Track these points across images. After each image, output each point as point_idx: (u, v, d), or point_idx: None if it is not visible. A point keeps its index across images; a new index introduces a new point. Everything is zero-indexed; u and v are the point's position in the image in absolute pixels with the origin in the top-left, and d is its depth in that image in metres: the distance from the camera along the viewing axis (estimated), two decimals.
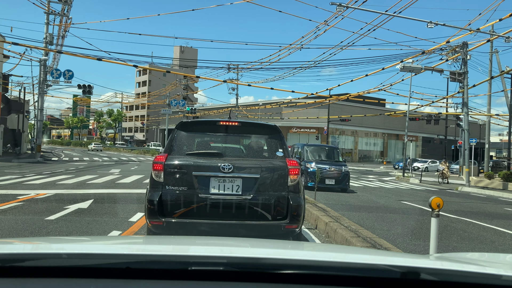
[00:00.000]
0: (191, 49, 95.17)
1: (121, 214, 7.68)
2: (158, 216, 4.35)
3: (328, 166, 15.14)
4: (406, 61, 21.07)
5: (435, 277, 1.28)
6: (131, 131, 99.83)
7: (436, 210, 4.58)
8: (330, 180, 14.88)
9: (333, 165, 15.37)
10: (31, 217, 7.07)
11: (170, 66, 61.97)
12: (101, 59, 22.24)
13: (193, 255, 1.46)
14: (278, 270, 1.28)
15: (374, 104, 49.25)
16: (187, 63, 65.31)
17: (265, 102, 58.00)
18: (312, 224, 7.33)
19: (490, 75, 26.14)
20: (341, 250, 2.17)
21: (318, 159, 15.80)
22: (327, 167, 15.05)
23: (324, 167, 14.96)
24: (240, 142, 4.99)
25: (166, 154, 4.58)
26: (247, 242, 2.19)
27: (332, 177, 14.95)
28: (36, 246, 1.68)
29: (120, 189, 12.01)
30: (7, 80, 31.54)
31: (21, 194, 10.02)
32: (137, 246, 1.86)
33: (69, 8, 27.43)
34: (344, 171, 15.21)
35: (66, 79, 27.97)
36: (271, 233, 4.42)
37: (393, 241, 6.47)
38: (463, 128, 22.09)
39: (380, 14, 17.86)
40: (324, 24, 21.64)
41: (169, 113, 47.90)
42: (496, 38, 22.73)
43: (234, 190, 4.42)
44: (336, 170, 15.06)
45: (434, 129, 48.87)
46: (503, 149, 71.55)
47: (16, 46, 66.37)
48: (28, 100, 43.08)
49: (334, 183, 14.91)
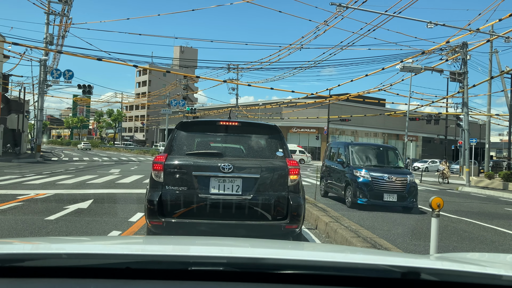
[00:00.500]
0: (191, 49, 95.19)
1: (121, 214, 7.68)
2: (158, 216, 4.35)
3: (386, 174, 10.66)
4: (406, 61, 21.08)
5: (436, 277, 1.27)
6: (131, 131, 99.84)
7: (437, 210, 4.58)
8: (390, 196, 10.42)
9: (394, 173, 10.86)
10: (31, 217, 7.07)
11: (170, 66, 61.97)
12: (101, 59, 22.25)
13: (193, 255, 1.46)
14: (278, 270, 1.28)
15: (374, 104, 49.24)
16: (187, 63, 65.35)
17: (265, 102, 57.99)
18: (312, 224, 7.33)
19: (490, 75, 26.16)
20: (341, 250, 2.17)
21: (370, 164, 11.38)
22: (385, 176, 10.59)
23: (381, 176, 10.60)
24: (240, 142, 4.99)
25: (166, 154, 4.58)
26: (247, 242, 2.19)
27: (393, 191, 10.49)
28: (36, 246, 1.68)
29: (120, 189, 12.01)
30: (7, 80, 31.54)
31: (21, 194, 10.02)
32: (137, 246, 1.86)
33: (69, 8, 27.44)
34: (410, 181, 10.72)
35: (66, 79, 27.97)
36: (271, 233, 4.42)
37: (393, 241, 6.47)
38: (463, 128, 22.10)
39: (380, 14, 17.86)
40: (324, 24, 21.66)
41: (169, 113, 47.89)
42: (495, 38, 22.75)
43: (234, 190, 4.42)
44: (399, 181, 10.60)
45: (434, 129, 48.87)
46: (503, 149, 71.57)
47: (16, 46, 66.41)
48: (28, 100, 43.09)
49: (396, 199, 10.44)
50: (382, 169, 11.06)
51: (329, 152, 13.31)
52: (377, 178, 10.57)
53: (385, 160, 11.91)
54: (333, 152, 12.90)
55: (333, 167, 12.47)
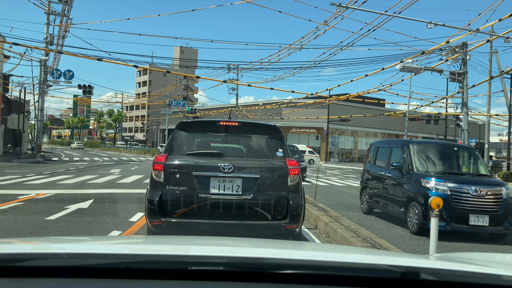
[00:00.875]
0: (191, 49, 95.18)
1: (121, 214, 7.69)
2: (158, 216, 4.36)
3: (472, 186, 7.36)
4: (406, 61, 21.07)
5: (435, 277, 1.28)
6: (131, 131, 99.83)
7: (436, 210, 4.59)
8: (478, 218, 7.13)
9: (481, 183, 7.55)
10: (31, 217, 7.08)
11: (170, 66, 61.98)
12: (101, 59, 22.25)
13: (193, 255, 1.46)
14: (278, 270, 1.28)
15: (373, 104, 49.24)
16: (187, 63, 65.37)
17: (265, 102, 57.99)
18: (312, 224, 7.33)
19: (490, 75, 26.15)
20: (341, 250, 2.17)
21: (442, 171, 7.96)
22: (471, 188, 7.29)
23: (465, 188, 7.31)
24: (240, 142, 5.00)
25: (166, 154, 4.59)
26: (247, 242, 2.19)
27: (483, 211, 7.20)
28: (36, 246, 1.68)
29: (120, 189, 12.01)
30: (7, 80, 31.53)
31: (21, 194, 10.02)
32: (137, 246, 1.86)
33: (69, 9, 27.44)
34: (507, 195, 7.43)
35: (66, 79, 27.98)
36: (271, 233, 4.43)
37: (392, 241, 6.48)
38: (462, 128, 22.09)
39: (380, 14, 17.86)
40: (324, 24, 21.66)
41: (169, 113, 47.88)
42: (495, 38, 22.74)
43: (234, 190, 4.43)
44: (490, 195, 7.33)
45: (434, 129, 48.88)
46: (502, 149, 71.59)
47: (17, 46, 66.52)
48: (29, 100, 43.08)
49: (487, 223, 7.14)
50: (462, 178, 7.71)
51: (374, 153, 9.91)
52: (458, 191, 7.24)
53: (462, 164, 8.52)
54: (381, 154, 9.59)
55: (383, 175, 9.04)
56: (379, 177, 9.24)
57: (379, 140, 11.36)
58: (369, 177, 9.84)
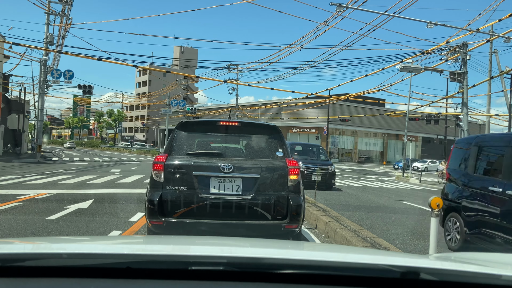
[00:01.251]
0: (191, 49, 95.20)
1: (122, 214, 7.69)
2: (159, 216, 4.36)
3: None
4: (406, 61, 21.06)
5: (435, 277, 1.28)
6: (131, 131, 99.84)
7: (436, 210, 4.59)
8: None
9: None
10: (32, 217, 7.08)
11: (170, 66, 61.95)
12: (101, 59, 22.25)
13: (193, 255, 1.46)
14: (278, 270, 1.29)
15: (373, 104, 49.27)
16: (187, 63, 65.36)
17: (265, 102, 58.00)
18: (312, 224, 7.33)
19: (490, 75, 26.14)
20: (341, 250, 2.17)
21: None
22: None
23: None
24: (240, 142, 5.00)
25: (166, 154, 4.58)
26: (247, 242, 2.19)
27: None
28: (36, 246, 1.69)
29: (121, 189, 12.01)
30: (7, 80, 31.53)
31: (21, 194, 10.02)
32: (137, 246, 1.86)
33: (69, 9, 27.44)
34: None
35: (66, 79, 27.98)
36: (271, 233, 4.43)
37: (392, 241, 6.48)
38: (462, 128, 22.08)
39: (379, 14, 17.85)
40: (324, 24, 21.65)
41: (169, 113, 47.87)
42: (495, 38, 22.74)
43: (234, 190, 4.43)
44: None
45: (434, 129, 48.88)
46: None
47: (17, 46, 66.48)
48: (29, 100, 43.09)
49: None
50: None
51: (474, 156, 6.32)
52: None
53: None
54: (493, 157, 6.24)
55: (502, 193, 5.35)
56: (493, 197, 5.59)
57: (481, 134, 7.10)
58: (467, 194, 6.22)
